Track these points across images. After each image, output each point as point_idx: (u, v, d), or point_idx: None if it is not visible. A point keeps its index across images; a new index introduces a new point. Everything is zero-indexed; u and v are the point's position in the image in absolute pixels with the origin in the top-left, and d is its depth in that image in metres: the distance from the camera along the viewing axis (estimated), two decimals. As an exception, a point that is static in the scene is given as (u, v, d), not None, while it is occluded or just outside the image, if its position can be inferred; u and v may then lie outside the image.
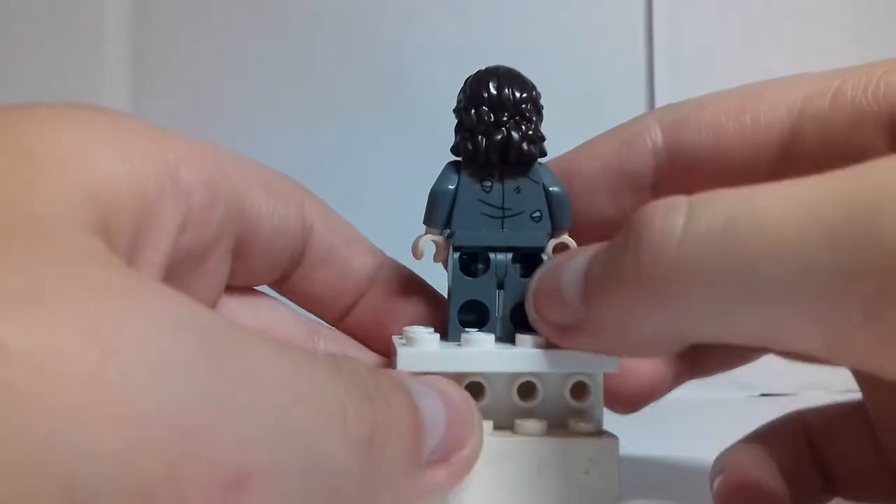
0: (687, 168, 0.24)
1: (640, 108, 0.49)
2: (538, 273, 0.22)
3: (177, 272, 0.20)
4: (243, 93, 0.47)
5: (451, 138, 0.23)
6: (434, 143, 0.25)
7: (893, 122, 0.21)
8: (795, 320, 0.16)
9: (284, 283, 0.25)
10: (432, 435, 0.18)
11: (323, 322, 0.26)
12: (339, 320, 0.26)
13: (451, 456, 0.19)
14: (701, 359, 0.27)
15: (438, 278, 0.25)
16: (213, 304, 0.23)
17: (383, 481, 0.17)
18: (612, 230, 0.24)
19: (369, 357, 0.25)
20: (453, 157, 0.23)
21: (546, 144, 0.23)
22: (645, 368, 0.25)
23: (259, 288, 0.25)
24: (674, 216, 0.17)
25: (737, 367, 0.27)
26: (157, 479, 0.12)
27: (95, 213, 0.16)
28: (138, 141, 0.19)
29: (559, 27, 0.50)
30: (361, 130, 0.48)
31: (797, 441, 0.25)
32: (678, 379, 0.26)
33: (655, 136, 0.24)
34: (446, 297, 0.24)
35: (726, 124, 0.23)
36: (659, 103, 0.49)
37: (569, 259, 0.21)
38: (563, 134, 0.23)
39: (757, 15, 0.50)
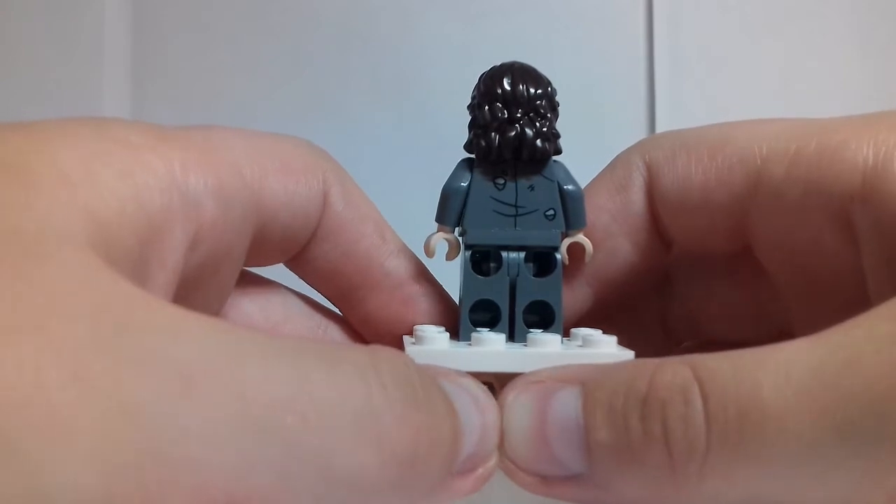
0: (667, 210, 0.24)
1: (640, 107, 0.49)
2: (506, 407, 0.19)
3: (190, 283, 0.20)
4: (243, 93, 0.47)
5: (450, 137, 0.23)
6: (434, 143, 0.25)
7: (842, 213, 0.20)
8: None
9: (292, 259, 0.24)
10: (468, 444, 0.17)
11: (334, 312, 0.25)
12: (348, 307, 0.25)
13: (479, 467, 0.18)
14: None
15: (451, 277, 0.24)
16: (224, 301, 0.23)
17: (418, 494, 0.16)
18: (637, 271, 0.25)
19: None
20: (457, 156, 0.23)
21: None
22: None
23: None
24: (693, 402, 0.17)
25: None
26: None
27: (97, 234, 0.15)
28: (141, 156, 0.18)
29: (559, 27, 0.49)
30: (361, 130, 0.48)
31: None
32: None
33: (645, 176, 0.24)
34: (458, 295, 0.24)
35: (694, 179, 0.23)
36: (659, 103, 0.49)
37: (547, 395, 0.19)
38: (563, 134, 0.23)
39: (757, 14, 0.50)
